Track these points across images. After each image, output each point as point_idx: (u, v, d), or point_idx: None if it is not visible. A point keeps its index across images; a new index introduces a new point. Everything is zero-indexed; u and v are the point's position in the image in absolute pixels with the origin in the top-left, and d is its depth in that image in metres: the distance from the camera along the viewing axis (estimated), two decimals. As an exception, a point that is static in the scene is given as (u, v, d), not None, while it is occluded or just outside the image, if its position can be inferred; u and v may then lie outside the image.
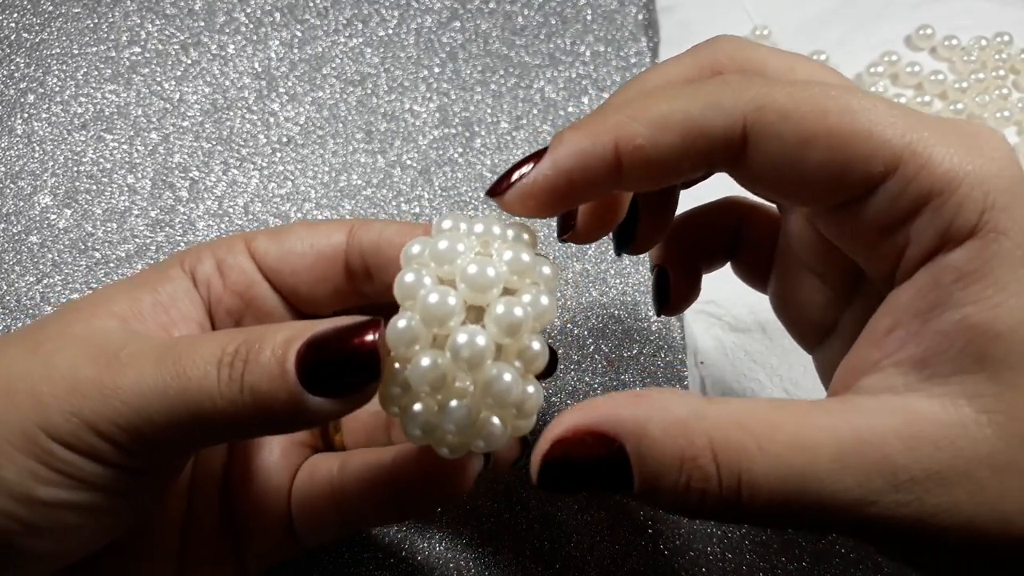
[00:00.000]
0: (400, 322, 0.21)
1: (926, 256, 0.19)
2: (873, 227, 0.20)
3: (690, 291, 0.30)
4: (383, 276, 0.25)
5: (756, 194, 0.27)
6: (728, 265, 0.31)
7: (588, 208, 0.25)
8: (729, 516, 0.19)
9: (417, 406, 0.21)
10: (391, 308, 0.22)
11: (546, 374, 0.25)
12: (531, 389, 0.21)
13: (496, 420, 0.21)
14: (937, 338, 0.19)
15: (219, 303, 0.26)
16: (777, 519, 0.19)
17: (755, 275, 0.29)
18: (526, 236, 0.22)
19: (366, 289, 0.26)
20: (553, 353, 0.26)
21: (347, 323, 0.20)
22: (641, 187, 0.21)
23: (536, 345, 0.21)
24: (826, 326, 0.26)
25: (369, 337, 0.20)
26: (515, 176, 0.21)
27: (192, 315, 0.25)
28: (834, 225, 0.22)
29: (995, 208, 0.19)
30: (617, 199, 0.25)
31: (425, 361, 0.20)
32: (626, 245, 0.27)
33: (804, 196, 0.21)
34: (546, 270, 0.22)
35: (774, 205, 0.28)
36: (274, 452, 0.27)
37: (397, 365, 0.21)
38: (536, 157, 0.21)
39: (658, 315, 0.30)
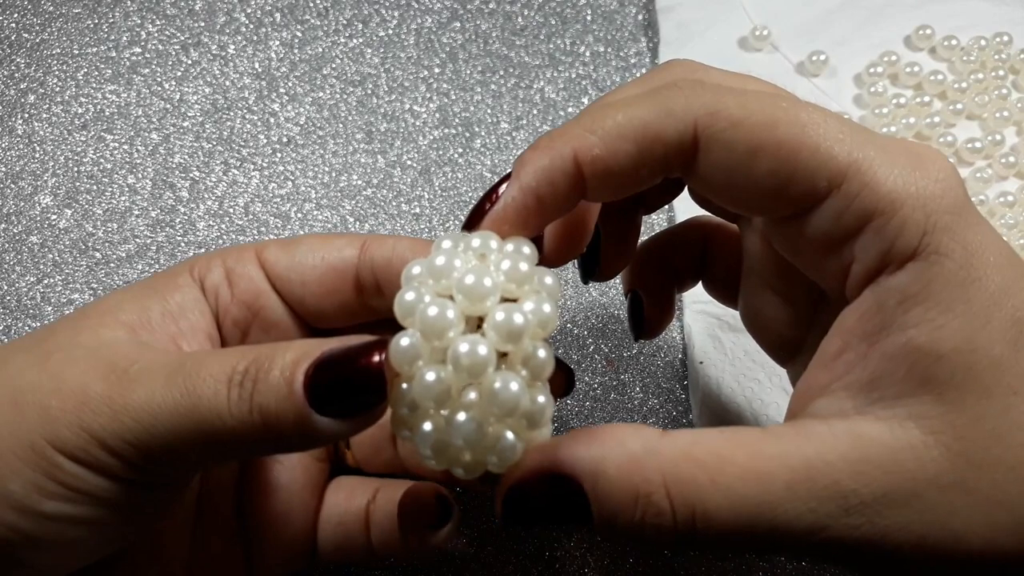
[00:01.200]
0: (403, 340, 0.20)
1: (870, 275, 0.20)
2: (818, 243, 0.20)
3: (664, 314, 0.30)
4: (394, 292, 0.25)
5: (710, 208, 0.27)
6: None
7: (555, 230, 0.25)
8: (687, 547, 0.19)
9: (426, 425, 0.21)
10: (400, 324, 0.22)
11: (565, 391, 0.25)
12: (541, 399, 0.21)
13: (509, 434, 0.21)
14: (883, 361, 0.19)
15: (226, 313, 0.26)
16: (733, 547, 0.19)
17: (725, 293, 0.30)
18: (526, 249, 0.22)
19: (376, 304, 0.26)
20: (569, 372, 0.25)
21: (354, 344, 0.20)
22: (606, 196, 0.22)
23: (542, 353, 0.21)
24: (794, 342, 0.26)
25: (375, 358, 0.20)
26: (487, 206, 0.22)
27: (201, 325, 0.25)
28: (783, 239, 0.22)
29: (936, 230, 0.19)
30: (582, 218, 0.25)
31: (429, 376, 0.20)
32: (592, 272, 0.28)
33: (752, 206, 0.21)
34: (548, 280, 0.22)
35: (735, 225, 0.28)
36: (294, 469, 0.27)
37: (405, 385, 0.21)
38: (500, 184, 0.22)
39: (636, 340, 0.31)
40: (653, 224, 0.39)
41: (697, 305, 0.37)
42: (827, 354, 0.21)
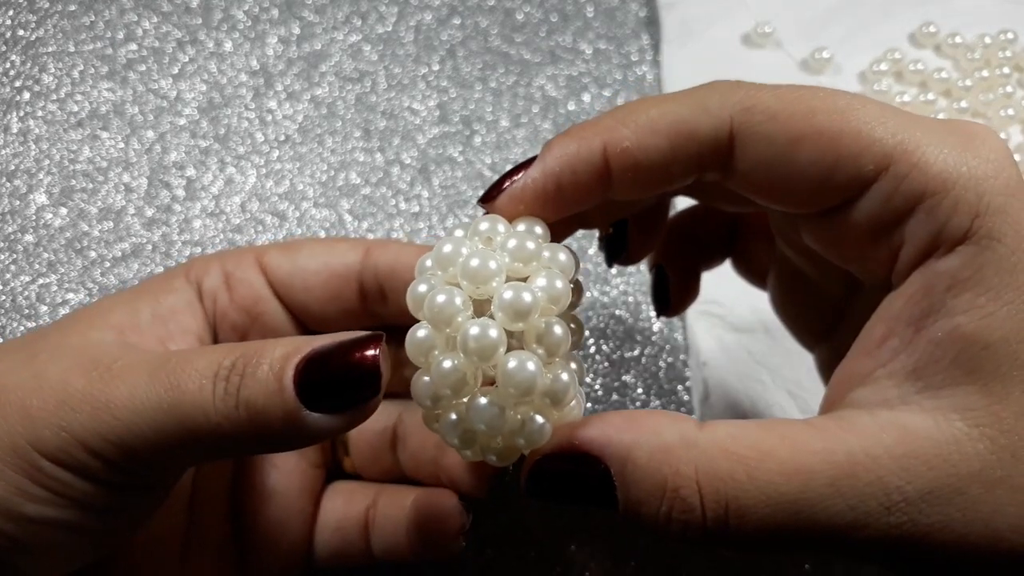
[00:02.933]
0: (418, 332, 0.20)
1: (920, 258, 0.19)
2: (865, 230, 0.20)
3: (689, 291, 0.29)
4: (398, 298, 0.25)
5: (745, 205, 0.26)
6: (729, 265, 0.30)
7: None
8: (718, 543, 0.18)
9: (452, 415, 0.20)
10: (406, 330, 0.21)
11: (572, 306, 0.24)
12: (565, 376, 0.20)
13: (538, 417, 0.20)
14: (930, 348, 0.19)
15: (224, 317, 0.25)
16: (767, 546, 0.18)
17: (754, 271, 0.29)
18: (538, 228, 0.22)
19: (380, 311, 0.26)
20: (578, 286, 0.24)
21: (348, 338, 0.20)
22: (632, 194, 0.21)
23: (557, 329, 0.20)
24: (825, 327, 0.26)
25: (371, 352, 0.19)
26: (506, 184, 0.21)
27: (192, 328, 0.25)
28: (825, 231, 0.21)
29: (989, 212, 0.18)
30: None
31: (444, 364, 0.20)
32: (617, 256, 0.27)
33: (794, 199, 0.21)
34: (562, 256, 0.21)
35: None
36: (290, 474, 0.27)
37: (426, 378, 0.20)
38: (526, 165, 0.21)
39: (658, 316, 0.30)
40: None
41: (700, 306, 0.36)
42: (871, 340, 0.20)
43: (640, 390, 0.35)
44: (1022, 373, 0.18)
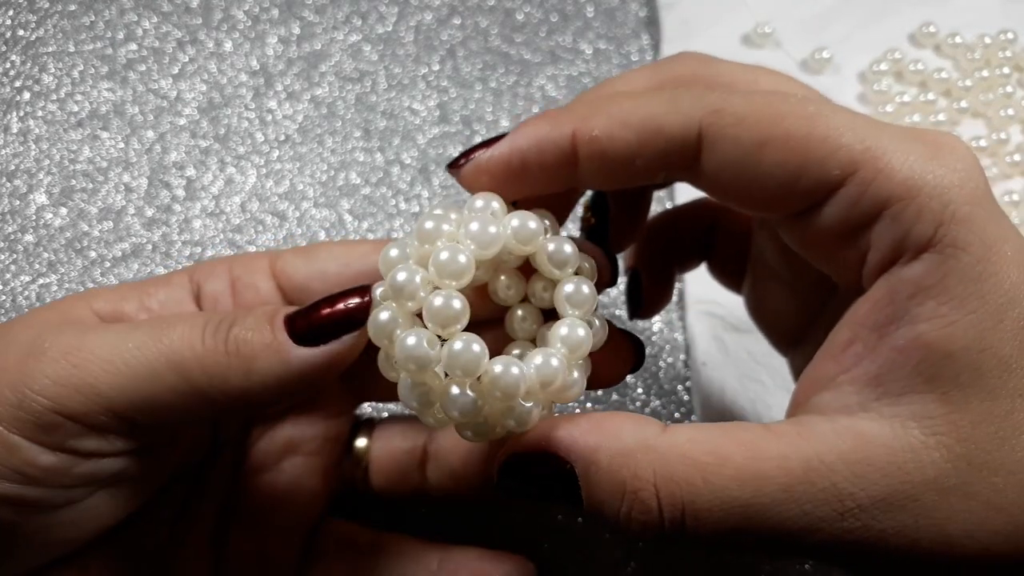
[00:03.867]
0: (380, 315, 0.20)
1: (886, 263, 0.19)
2: (831, 234, 0.20)
3: (663, 294, 0.30)
4: None
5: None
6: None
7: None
8: (676, 543, 0.19)
9: (403, 376, 0.21)
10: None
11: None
12: (554, 362, 0.20)
13: (527, 404, 0.20)
14: (892, 355, 0.19)
15: None
16: (725, 546, 0.19)
17: (729, 276, 0.29)
18: (495, 203, 0.22)
19: None
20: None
21: (336, 292, 0.21)
22: (596, 183, 0.22)
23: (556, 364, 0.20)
24: (798, 332, 0.26)
25: (355, 299, 0.21)
26: (474, 154, 0.22)
27: None
28: (796, 233, 0.21)
29: (954, 220, 0.18)
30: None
31: (410, 340, 0.20)
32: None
33: (760, 201, 0.21)
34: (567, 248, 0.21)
35: None
36: (288, 499, 0.26)
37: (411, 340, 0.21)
38: (498, 139, 0.22)
39: (631, 319, 0.30)
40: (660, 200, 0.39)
41: (700, 306, 0.36)
42: (836, 345, 0.20)
43: (640, 390, 0.35)
44: (982, 382, 0.18)
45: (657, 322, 0.37)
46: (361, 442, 0.28)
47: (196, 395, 0.20)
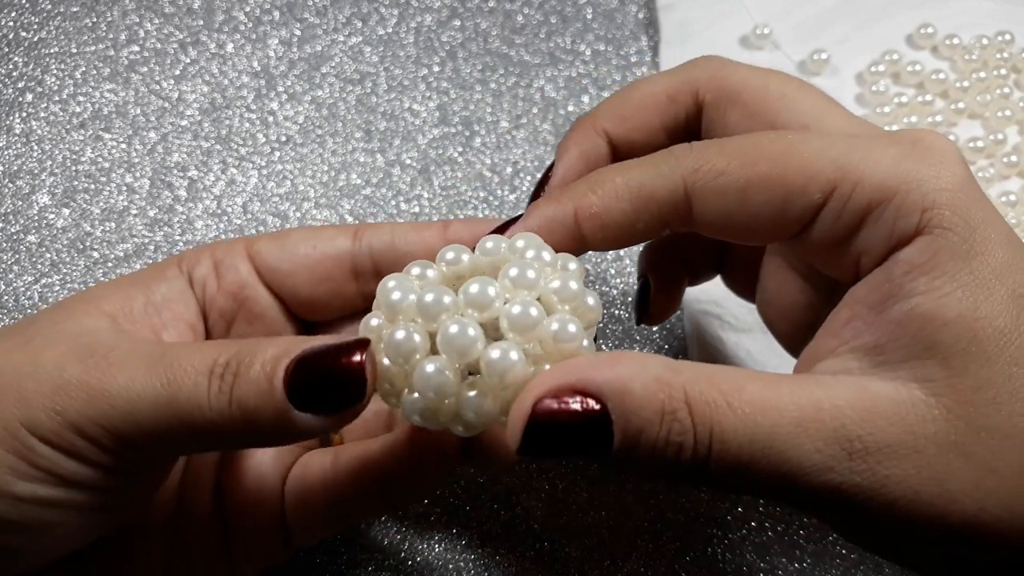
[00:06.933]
0: (396, 334, 0.21)
1: (879, 261, 0.21)
2: (825, 246, 0.22)
3: (670, 303, 0.31)
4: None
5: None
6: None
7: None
8: (699, 474, 0.19)
9: (415, 394, 0.21)
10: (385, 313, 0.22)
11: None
12: (572, 328, 0.20)
13: (513, 353, 0.20)
14: (890, 327, 0.20)
15: (213, 304, 0.26)
16: (742, 479, 0.19)
17: (743, 285, 0.30)
18: (546, 254, 0.23)
19: (374, 289, 0.26)
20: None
21: (335, 342, 0.21)
22: (605, 247, 0.24)
23: (484, 289, 0.21)
24: (808, 328, 0.26)
25: (356, 357, 0.20)
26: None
27: (184, 316, 0.25)
28: (793, 249, 0.23)
29: (937, 206, 0.20)
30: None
31: (398, 334, 0.20)
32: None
33: (754, 235, 0.23)
34: (572, 265, 0.23)
35: None
36: (267, 452, 0.27)
37: (387, 361, 0.21)
38: (513, 221, 0.24)
39: (638, 324, 0.32)
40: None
41: (698, 305, 0.36)
42: (836, 322, 0.21)
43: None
44: (980, 348, 0.19)
45: (656, 322, 0.37)
46: None
47: (197, 441, 0.21)
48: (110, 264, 0.38)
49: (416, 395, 0.21)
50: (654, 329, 0.37)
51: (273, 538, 0.26)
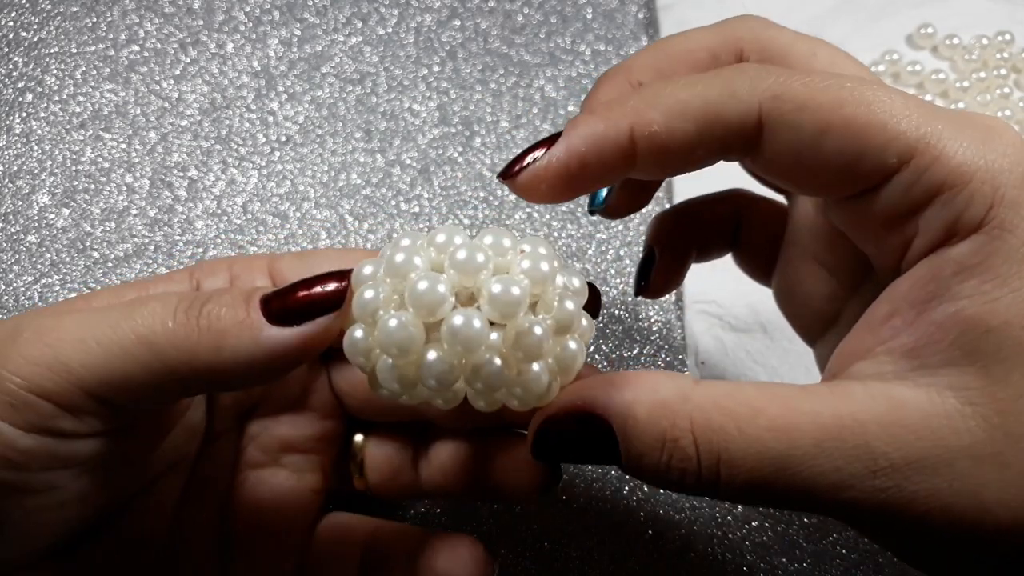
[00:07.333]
0: (391, 321, 0.20)
1: (931, 248, 0.19)
2: (883, 217, 0.20)
3: (673, 278, 0.29)
4: None
5: (767, 184, 0.26)
6: (730, 266, 0.30)
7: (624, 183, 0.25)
8: (710, 494, 0.19)
9: (385, 359, 0.21)
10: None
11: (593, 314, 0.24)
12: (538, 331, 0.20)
13: (535, 366, 0.20)
14: (931, 329, 0.19)
15: None
16: (756, 499, 0.19)
17: (757, 267, 0.29)
18: (542, 249, 0.22)
19: None
20: (595, 292, 0.24)
21: (314, 274, 0.21)
22: (654, 174, 0.22)
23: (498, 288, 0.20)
24: (829, 318, 0.26)
25: (333, 284, 0.20)
26: (527, 159, 0.21)
27: None
28: (846, 215, 0.22)
29: (1004, 203, 0.19)
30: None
31: (391, 322, 0.20)
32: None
33: (818, 186, 0.21)
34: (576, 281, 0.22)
35: (781, 197, 0.28)
36: (285, 496, 0.26)
37: (359, 333, 0.21)
38: (549, 141, 0.21)
39: (636, 295, 0.30)
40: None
41: (699, 305, 0.36)
42: (874, 318, 0.20)
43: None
44: (1022, 358, 0.18)
45: (655, 321, 0.37)
46: (358, 438, 0.28)
47: (167, 372, 0.20)
48: (110, 264, 0.38)
49: (387, 359, 0.20)
50: (654, 329, 0.37)
51: (284, 564, 0.26)
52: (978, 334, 0.18)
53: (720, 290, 0.35)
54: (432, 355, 0.20)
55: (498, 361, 0.20)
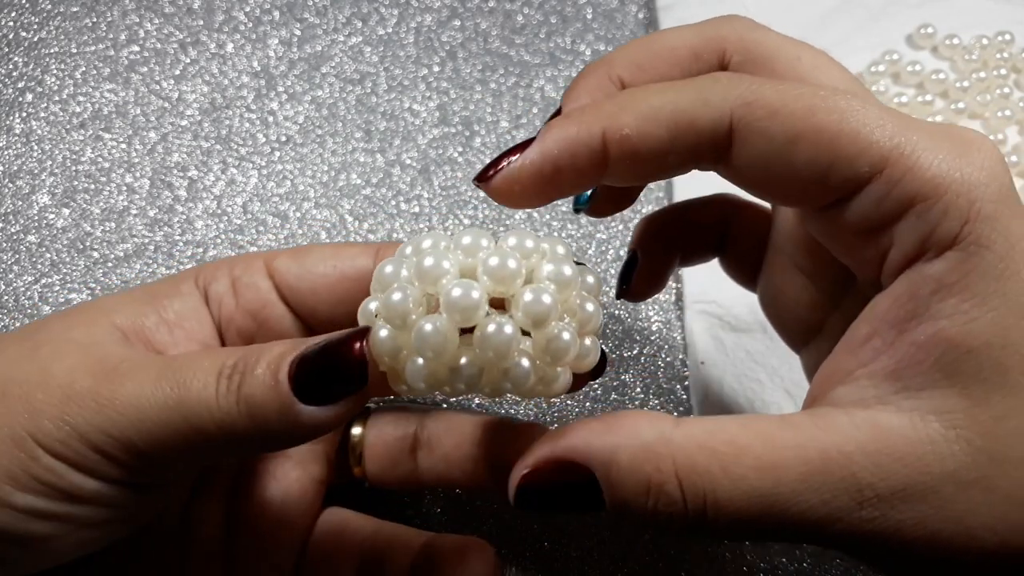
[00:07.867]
0: (394, 296, 0.21)
1: (908, 261, 0.19)
2: (857, 228, 0.20)
3: (655, 282, 0.29)
4: None
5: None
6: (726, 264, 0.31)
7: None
8: (698, 534, 0.19)
9: (418, 360, 0.21)
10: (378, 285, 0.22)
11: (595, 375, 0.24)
12: (566, 336, 0.21)
13: (524, 361, 0.21)
14: (911, 350, 0.19)
15: (230, 322, 0.25)
16: (745, 536, 0.19)
17: (743, 272, 0.29)
18: (560, 248, 0.22)
19: None
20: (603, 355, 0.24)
21: (337, 335, 0.21)
22: (627, 179, 0.21)
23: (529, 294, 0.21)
24: (813, 326, 0.26)
25: (356, 345, 0.20)
26: (503, 164, 0.21)
27: (197, 334, 0.25)
28: (821, 225, 0.21)
29: (980, 218, 0.18)
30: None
31: (395, 295, 0.21)
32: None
33: (790, 195, 0.21)
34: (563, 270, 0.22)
35: (768, 204, 0.28)
36: (290, 486, 0.27)
37: (384, 333, 0.21)
38: (523, 146, 0.21)
39: (617, 298, 0.30)
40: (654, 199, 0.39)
41: (698, 305, 0.36)
42: (855, 339, 0.20)
43: (639, 389, 0.35)
44: (1004, 378, 0.18)
45: (655, 321, 0.37)
46: (356, 430, 0.28)
47: (210, 447, 0.21)
48: (110, 264, 0.38)
49: (419, 360, 0.21)
50: (654, 329, 0.37)
51: (287, 571, 0.26)
52: (959, 355, 0.18)
53: (720, 290, 0.35)
54: (464, 360, 0.20)
55: (526, 363, 0.21)
